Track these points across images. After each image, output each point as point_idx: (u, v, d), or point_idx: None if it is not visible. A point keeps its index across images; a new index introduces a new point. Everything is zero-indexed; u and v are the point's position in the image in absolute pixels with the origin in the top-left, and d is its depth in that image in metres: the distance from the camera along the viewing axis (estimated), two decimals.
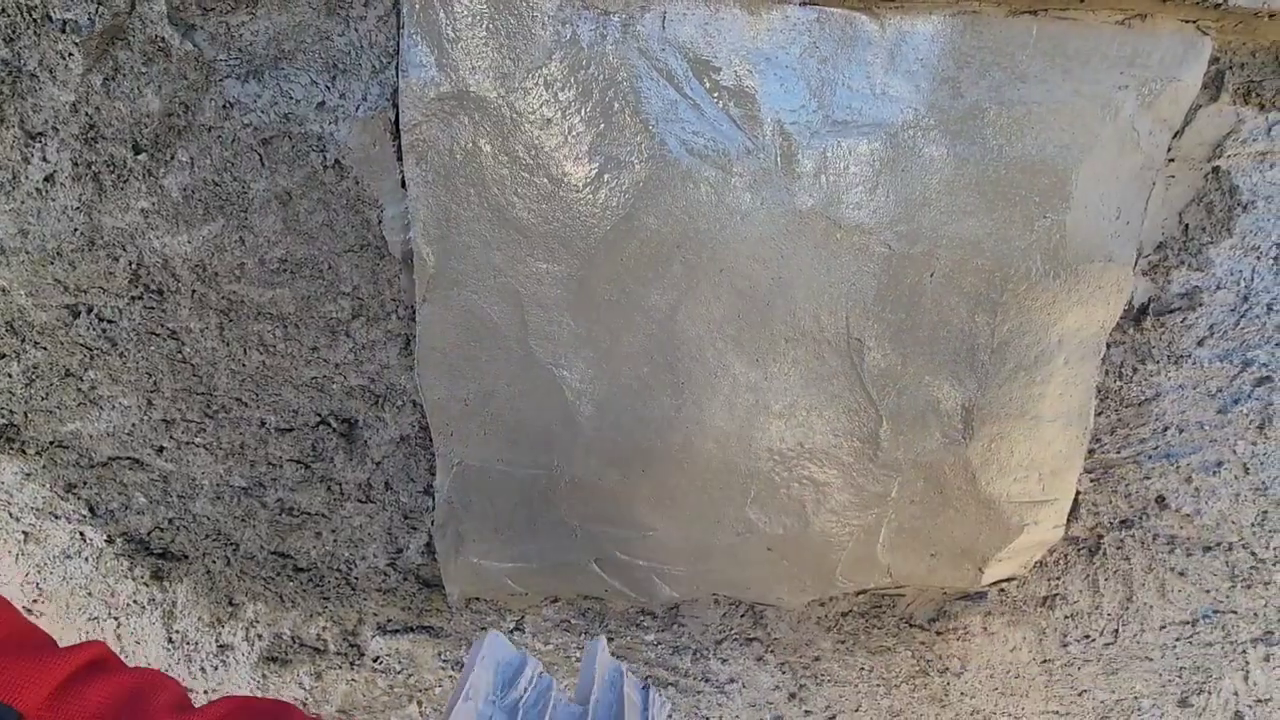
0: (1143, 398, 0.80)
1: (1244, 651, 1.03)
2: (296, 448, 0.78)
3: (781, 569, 0.87)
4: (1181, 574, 0.95)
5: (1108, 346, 0.76)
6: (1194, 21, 0.60)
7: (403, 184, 0.63)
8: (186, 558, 0.84)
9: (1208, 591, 0.97)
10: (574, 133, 0.61)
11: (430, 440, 0.75)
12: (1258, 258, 0.73)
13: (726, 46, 0.60)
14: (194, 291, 0.68)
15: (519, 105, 0.60)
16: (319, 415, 0.76)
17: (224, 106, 0.60)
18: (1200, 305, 0.75)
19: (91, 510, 0.80)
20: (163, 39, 0.58)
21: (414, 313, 0.68)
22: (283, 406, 0.75)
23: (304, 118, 0.61)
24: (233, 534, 0.82)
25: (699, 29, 0.59)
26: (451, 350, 0.70)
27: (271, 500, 0.80)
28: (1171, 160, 0.68)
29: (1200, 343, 0.77)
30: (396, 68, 0.59)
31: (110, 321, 0.69)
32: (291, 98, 0.60)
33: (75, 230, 0.64)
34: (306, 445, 0.78)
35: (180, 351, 0.71)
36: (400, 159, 0.62)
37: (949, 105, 0.62)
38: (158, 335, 0.70)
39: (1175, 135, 0.66)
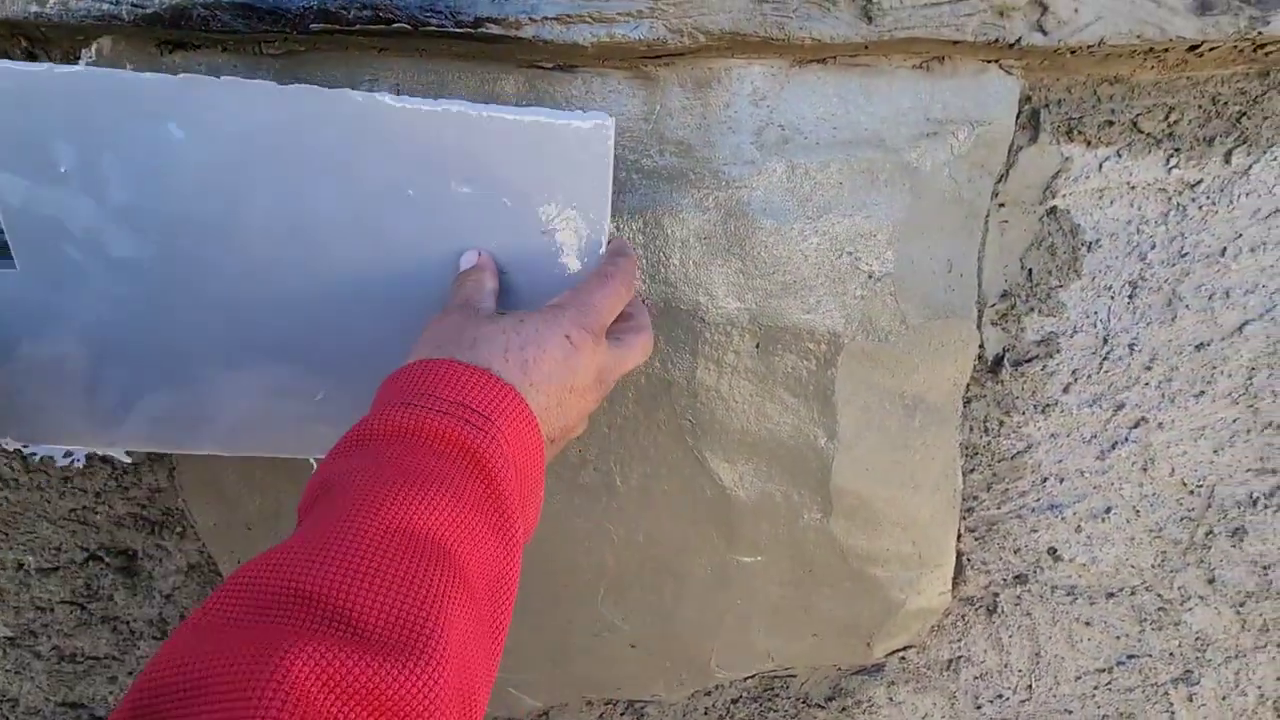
0: (1015, 450, 0.75)
1: (1166, 693, 0.97)
2: (66, 588, 0.67)
3: (651, 664, 0.79)
4: (1087, 623, 0.89)
5: (966, 402, 0.70)
6: (995, 61, 0.54)
7: None
8: None
9: (1118, 638, 0.91)
10: None
11: None
12: (1111, 297, 0.68)
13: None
14: None
15: None
16: (86, 550, 0.66)
17: None
18: (1059, 351, 0.70)
19: None
20: None
21: None
22: (41, 545, 0.65)
23: None
24: (8, 689, 0.71)
25: None
26: (219, 470, 0.61)
27: (46, 649, 0.70)
28: (1002, 205, 0.62)
29: (1066, 389, 0.72)
30: None
31: None
32: None
33: None
34: (78, 584, 0.67)
35: None
36: None
37: (739, 164, 0.55)
38: None
39: (999, 180, 0.60)
